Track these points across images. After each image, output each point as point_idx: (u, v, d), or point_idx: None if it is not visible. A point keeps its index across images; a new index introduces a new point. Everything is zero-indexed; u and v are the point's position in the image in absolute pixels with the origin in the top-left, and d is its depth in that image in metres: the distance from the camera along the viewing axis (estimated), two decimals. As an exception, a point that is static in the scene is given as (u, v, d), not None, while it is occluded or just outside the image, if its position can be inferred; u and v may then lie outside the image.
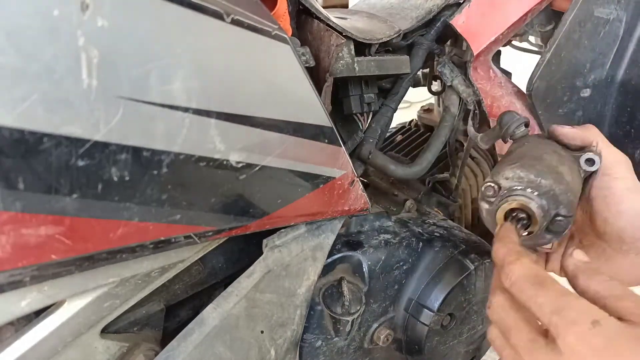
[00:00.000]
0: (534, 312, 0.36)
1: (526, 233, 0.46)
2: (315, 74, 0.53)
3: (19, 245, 0.32)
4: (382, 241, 0.64)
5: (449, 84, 0.66)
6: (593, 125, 0.50)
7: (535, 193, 0.44)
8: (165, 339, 0.54)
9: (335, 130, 0.49)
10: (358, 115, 0.59)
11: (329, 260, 0.60)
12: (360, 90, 0.59)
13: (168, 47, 0.35)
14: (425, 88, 0.81)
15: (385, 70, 0.57)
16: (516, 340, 0.37)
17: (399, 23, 0.61)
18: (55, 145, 0.31)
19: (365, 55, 0.56)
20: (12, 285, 0.34)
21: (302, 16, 0.56)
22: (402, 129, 0.92)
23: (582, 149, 0.49)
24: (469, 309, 0.69)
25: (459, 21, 0.61)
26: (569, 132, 0.50)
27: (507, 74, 0.71)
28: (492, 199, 0.46)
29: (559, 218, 0.45)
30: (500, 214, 0.46)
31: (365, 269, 0.62)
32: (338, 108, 0.60)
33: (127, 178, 0.35)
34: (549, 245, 0.51)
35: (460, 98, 0.68)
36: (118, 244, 0.37)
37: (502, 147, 0.70)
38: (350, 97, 0.58)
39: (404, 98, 0.64)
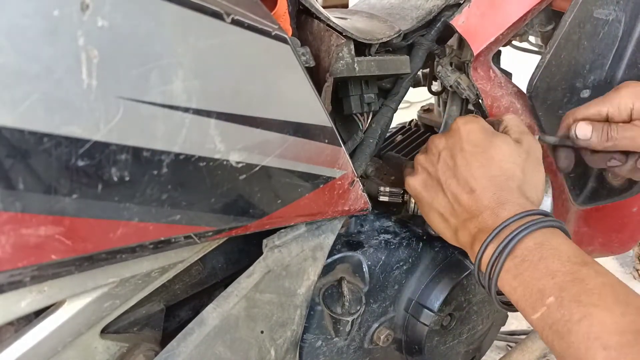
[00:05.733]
0: None
1: None
2: (315, 74, 0.53)
3: (18, 246, 0.32)
4: (382, 241, 0.64)
5: (448, 85, 0.66)
6: None
7: None
8: (165, 339, 0.54)
9: (335, 130, 0.49)
10: (358, 115, 0.59)
11: (329, 260, 0.60)
12: (361, 90, 0.58)
13: (168, 47, 0.35)
14: (425, 88, 0.81)
15: (385, 70, 0.57)
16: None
17: (398, 23, 0.61)
18: (55, 145, 0.31)
19: (365, 55, 0.56)
20: (12, 286, 0.34)
21: (302, 16, 0.56)
22: (402, 129, 0.92)
23: None
24: (469, 309, 0.69)
25: (459, 21, 0.61)
26: None
27: (507, 74, 0.71)
28: None
29: None
30: None
31: (365, 269, 0.62)
32: (338, 108, 0.59)
33: (127, 178, 0.35)
34: None
35: (460, 109, 0.69)
36: (118, 244, 0.37)
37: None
38: (350, 97, 0.58)
39: (404, 98, 0.64)
